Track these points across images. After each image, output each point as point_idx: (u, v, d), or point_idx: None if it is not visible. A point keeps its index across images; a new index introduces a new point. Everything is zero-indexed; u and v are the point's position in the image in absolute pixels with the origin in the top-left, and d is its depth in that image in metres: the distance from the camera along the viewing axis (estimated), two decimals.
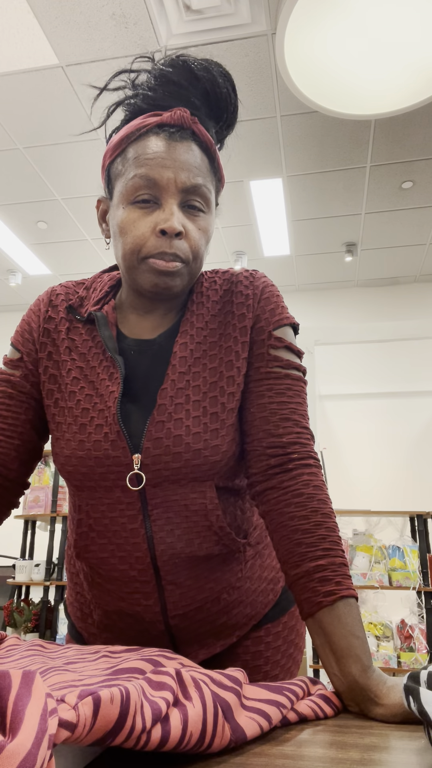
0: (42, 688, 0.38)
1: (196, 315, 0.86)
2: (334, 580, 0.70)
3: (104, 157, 0.86)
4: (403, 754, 0.50)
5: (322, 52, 2.66)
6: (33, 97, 3.42)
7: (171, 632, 0.85)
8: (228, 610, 0.86)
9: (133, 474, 0.79)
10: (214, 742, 0.49)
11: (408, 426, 5.43)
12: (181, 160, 0.79)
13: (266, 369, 0.84)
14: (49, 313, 0.89)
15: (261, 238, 4.92)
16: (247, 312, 0.86)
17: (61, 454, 0.83)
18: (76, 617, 0.93)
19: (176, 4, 2.84)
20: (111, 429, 0.79)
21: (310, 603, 0.71)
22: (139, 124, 0.81)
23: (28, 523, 4.00)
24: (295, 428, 0.81)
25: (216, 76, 0.84)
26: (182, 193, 0.79)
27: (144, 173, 0.79)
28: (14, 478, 0.89)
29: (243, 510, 0.88)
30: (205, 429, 0.79)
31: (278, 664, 0.89)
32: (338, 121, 3.57)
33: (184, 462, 0.78)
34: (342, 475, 5.12)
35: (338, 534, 0.75)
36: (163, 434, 0.78)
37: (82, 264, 5.35)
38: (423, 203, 4.42)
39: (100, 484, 0.81)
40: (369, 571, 3.39)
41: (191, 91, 0.83)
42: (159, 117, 0.81)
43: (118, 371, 0.81)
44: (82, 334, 0.86)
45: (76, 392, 0.83)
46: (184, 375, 0.82)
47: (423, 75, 2.78)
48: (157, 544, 0.80)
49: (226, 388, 0.82)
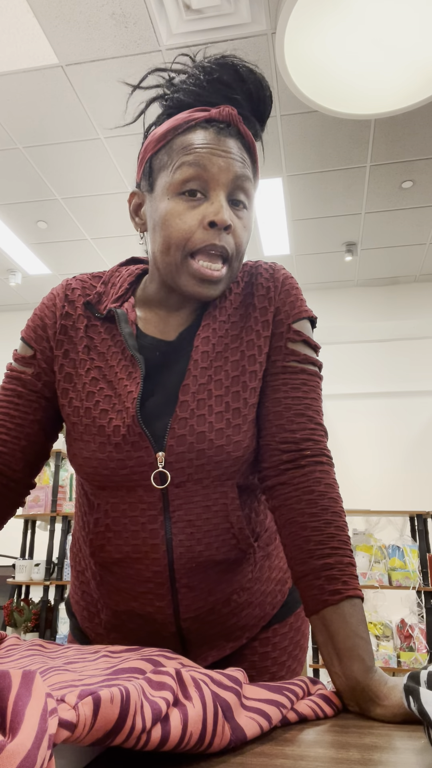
0: (42, 688, 0.38)
1: (219, 308, 0.85)
2: (341, 580, 0.70)
3: (144, 150, 0.84)
4: (403, 754, 0.50)
5: (322, 52, 2.66)
6: (33, 97, 3.41)
7: (182, 634, 0.84)
8: (238, 612, 0.86)
9: (158, 472, 0.78)
10: (214, 742, 0.49)
11: (408, 425, 5.43)
12: (231, 151, 0.79)
13: (283, 363, 0.83)
14: (66, 309, 0.85)
15: (261, 237, 4.92)
16: (269, 305, 0.85)
17: (80, 455, 0.80)
18: (83, 617, 0.92)
19: (176, 3, 2.84)
20: (131, 431, 0.77)
21: (316, 601, 0.71)
22: (186, 117, 0.80)
23: (28, 522, 4.00)
24: (309, 424, 0.81)
25: (260, 79, 0.84)
26: (231, 184, 0.78)
27: (193, 160, 0.77)
28: (19, 478, 0.87)
29: (257, 512, 0.88)
30: (227, 425, 0.79)
31: (284, 665, 0.89)
32: (338, 121, 3.57)
33: (208, 459, 0.77)
34: (342, 475, 5.10)
35: (347, 533, 0.75)
36: (186, 431, 0.77)
37: (82, 264, 5.34)
38: (423, 203, 4.42)
39: (122, 485, 0.80)
40: (369, 570, 3.39)
41: (237, 91, 0.83)
42: (207, 112, 0.80)
43: (138, 371, 0.79)
44: (101, 333, 0.84)
45: (95, 393, 0.81)
46: (206, 370, 0.81)
47: (423, 75, 2.78)
48: (175, 547, 0.79)
49: (249, 383, 0.81)
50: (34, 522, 4.02)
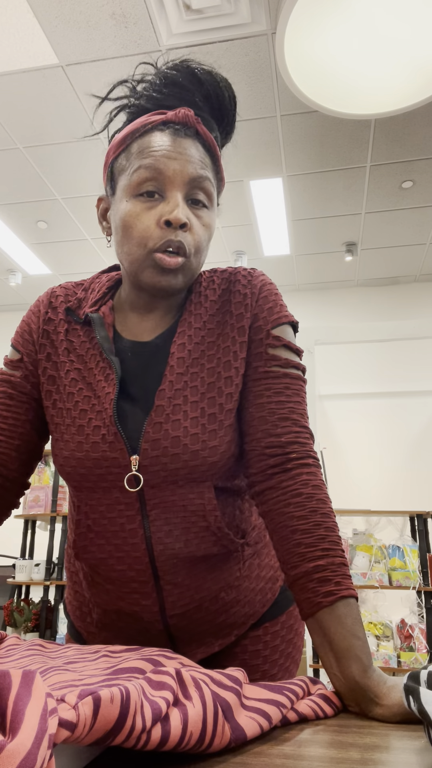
0: (42, 688, 0.38)
1: (194, 315, 0.86)
2: (333, 581, 0.70)
3: (107, 155, 0.87)
4: (403, 753, 0.50)
5: (322, 52, 2.66)
6: (33, 97, 3.41)
7: (170, 632, 0.85)
8: (226, 609, 0.86)
9: (131, 475, 0.79)
10: (214, 742, 0.49)
11: (408, 426, 5.43)
12: (186, 153, 0.80)
13: (264, 368, 0.83)
14: (49, 315, 0.89)
15: (261, 237, 4.92)
16: (245, 311, 0.85)
17: (60, 455, 0.83)
18: (75, 616, 0.94)
19: (176, 3, 2.84)
20: (108, 431, 0.79)
21: (310, 603, 0.71)
22: (143, 121, 0.82)
23: (28, 522, 4.00)
24: (294, 427, 0.81)
25: (218, 81, 0.85)
26: (187, 185, 0.80)
27: (149, 164, 0.79)
28: (14, 478, 0.89)
29: (242, 510, 0.88)
30: (203, 430, 0.79)
31: (276, 663, 0.89)
32: (338, 121, 3.57)
33: (183, 463, 0.78)
34: (342, 475, 5.12)
35: (338, 534, 0.75)
36: (161, 436, 0.78)
37: (82, 264, 5.35)
38: (423, 203, 4.42)
39: (99, 485, 0.81)
40: (369, 570, 3.39)
41: (194, 93, 0.84)
42: (164, 115, 0.82)
43: (115, 373, 0.82)
44: (80, 336, 0.86)
45: (75, 393, 0.83)
46: (182, 376, 0.82)
47: (423, 74, 2.78)
48: (155, 544, 0.80)
49: (224, 389, 0.82)
50: (34, 522, 4.02)
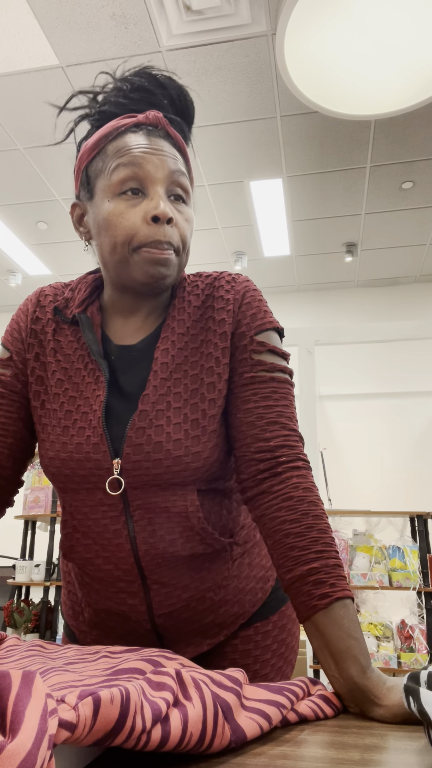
0: (42, 689, 0.38)
1: (178, 320, 0.86)
2: (328, 583, 0.70)
3: (79, 161, 0.87)
4: (403, 754, 0.50)
5: (322, 53, 2.66)
6: (33, 97, 3.42)
7: (157, 631, 0.85)
8: (215, 609, 0.86)
9: (113, 478, 0.79)
10: (214, 743, 0.49)
11: (408, 426, 5.43)
12: (163, 150, 0.82)
13: (250, 374, 0.83)
14: (37, 314, 0.89)
15: (261, 238, 4.92)
16: (227, 317, 0.85)
17: (46, 455, 0.83)
18: (68, 615, 0.94)
19: (176, 4, 2.84)
20: (94, 432, 0.79)
21: (306, 607, 0.71)
22: (115, 125, 0.83)
23: (28, 523, 4.00)
24: (283, 431, 0.81)
25: (179, 86, 0.88)
26: (167, 180, 0.81)
27: (128, 161, 0.80)
28: (8, 476, 0.90)
29: (229, 510, 0.88)
30: (186, 436, 0.79)
31: (268, 663, 0.89)
32: (338, 122, 3.58)
33: (165, 468, 0.78)
34: (342, 476, 5.12)
35: (331, 535, 0.75)
36: (143, 440, 0.78)
37: (82, 264, 5.35)
38: (423, 203, 4.42)
39: (83, 486, 0.82)
40: (369, 571, 3.39)
41: (160, 97, 0.87)
42: (134, 118, 0.83)
43: (103, 375, 0.82)
44: (68, 336, 0.87)
45: (60, 394, 0.84)
46: (165, 381, 0.82)
47: (423, 75, 2.78)
48: (139, 544, 0.80)
49: (207, 395, 0.82)
50: (34, 523, 4.01)
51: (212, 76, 3.22)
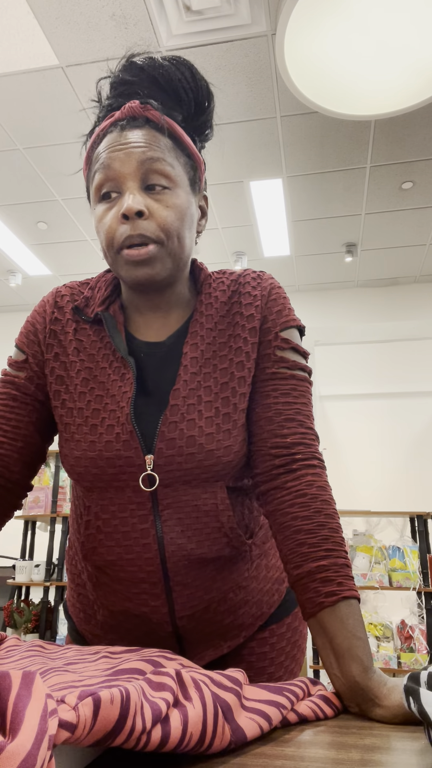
0: (42, 689, 0.38)
1: (206, 316, 0.86)
2: (335, 581, 0.70)
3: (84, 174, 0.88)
4: (403, 754, 0.50)
5: (322, 53, 2.66)
6: (33, 97, 3.42)
7: (178, 633, 0.84)
8: (234, 610, 0.86)
9: (146, 475, 0.78)
10: (214, 743, 0.49)
11: (408, 426, 5.44)
12: (131, 143, 0.79)
13: (272, 369, 0.84)
14: (55, 315, 0.88)
15: (261, 238, 4.92)
16: (256, 313, 0.86)
17: (71, 455, 0.82)
18: (79, 618, 0.92)
19: (176, 4, 2.84)
20: (123, 429, 0.79)
21: (312, 603, 0.71)
22: (98, 131, 0.84)
23: (29, 523, 4.00)
24: (300, 428, 0.81)
25: (162, 61, 0.84)
26: (138, 172, 0.79)
27: (100, 165, 0.80)
28: (17, 480, 0.88)
29: (251, 509, 0.88)
30: (218, 430, 0.79)
31: (282, 665, 0.89)
32: (338, 122, 3.57)
33: (197, 463, 0.78)
34: (342, 476, 5.12)
35: (341, 535, 0.75)
36: (176, 435, 0.78)
37: (82, 264, 5.35)
38: (423, 203, 4.42)
39: (111, 485, 0.81)
40: (369, 571, 3.39)
41: (138, 84, 0.84)
42: (112, 117, 0.83)
43: (130, 372, 0.81)
44: (90, 335, 0.86)
45: (86, 393, 0.83)
46: (195, 376, 0.82)
47: (423, 75, 2.78)
48: (167, 545, 0.80)
49: (238, 389, 0.82)
50: (34, 523, 4.01)
51: (212, 76, 3.21)
